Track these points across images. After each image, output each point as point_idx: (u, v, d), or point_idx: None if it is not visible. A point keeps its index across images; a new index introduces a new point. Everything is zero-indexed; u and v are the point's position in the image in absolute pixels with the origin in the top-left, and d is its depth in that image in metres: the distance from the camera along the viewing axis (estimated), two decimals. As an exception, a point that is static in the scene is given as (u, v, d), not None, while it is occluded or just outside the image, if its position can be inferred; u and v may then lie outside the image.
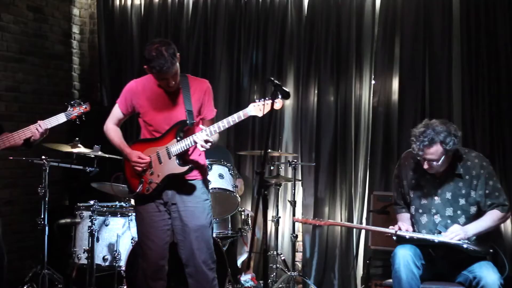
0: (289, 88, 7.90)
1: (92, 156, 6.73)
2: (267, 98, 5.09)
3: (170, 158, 5.29)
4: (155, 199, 5.39)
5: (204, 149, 5.18)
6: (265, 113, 5.11)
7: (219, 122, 5.19)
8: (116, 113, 5.57)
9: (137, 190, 5.34)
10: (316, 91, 8.07)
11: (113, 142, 5.57)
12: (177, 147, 5.27)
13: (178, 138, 5.27)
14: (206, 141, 5.11)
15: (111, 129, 5.59)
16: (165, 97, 5.38)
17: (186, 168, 5.29)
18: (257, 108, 5.15)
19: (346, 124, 7.90)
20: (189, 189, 5.40)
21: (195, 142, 5.17)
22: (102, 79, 8.97)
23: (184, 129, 5.31)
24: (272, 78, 4.70)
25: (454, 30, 7.58)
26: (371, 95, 7.92)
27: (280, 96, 4.71)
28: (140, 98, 5.42)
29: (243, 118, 5.18)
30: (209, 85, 5.52)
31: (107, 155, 6.73)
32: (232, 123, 5.17)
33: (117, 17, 8.96)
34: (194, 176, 5.44)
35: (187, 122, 5.31)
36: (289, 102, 8.08)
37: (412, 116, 7.55)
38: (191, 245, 5.33)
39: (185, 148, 5.27)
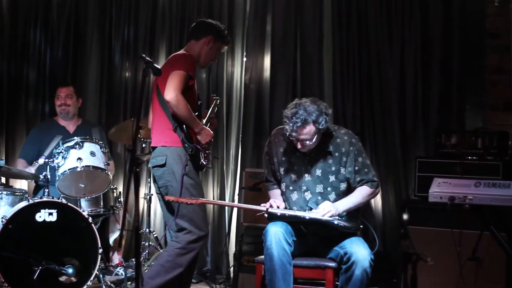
0: (161, 64, 7.83)
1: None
2: None
3: None
4: None
5: None
6: None
7: None
8: (186, 80, 5.32)
9: (206, 161, 5.42)
10: (188, 68, 8.04)
11: (189, 114, 5.31)
12: None
13: None
14: None
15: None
16: None
17: None
18: None
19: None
20: None
21: None
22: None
23: None
24: (144, 55, 4.63)
25: (325, 7, 7.68)
26: (243, 72, 7.94)
27: (151, 73, 4.67)
28: None
29: None
30: None
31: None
32: None
33: (-15, -7, 8.65)
34: None
35: None
36: (161, 79, 8.02)
37: (284, 93, 7.63)
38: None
39: None
